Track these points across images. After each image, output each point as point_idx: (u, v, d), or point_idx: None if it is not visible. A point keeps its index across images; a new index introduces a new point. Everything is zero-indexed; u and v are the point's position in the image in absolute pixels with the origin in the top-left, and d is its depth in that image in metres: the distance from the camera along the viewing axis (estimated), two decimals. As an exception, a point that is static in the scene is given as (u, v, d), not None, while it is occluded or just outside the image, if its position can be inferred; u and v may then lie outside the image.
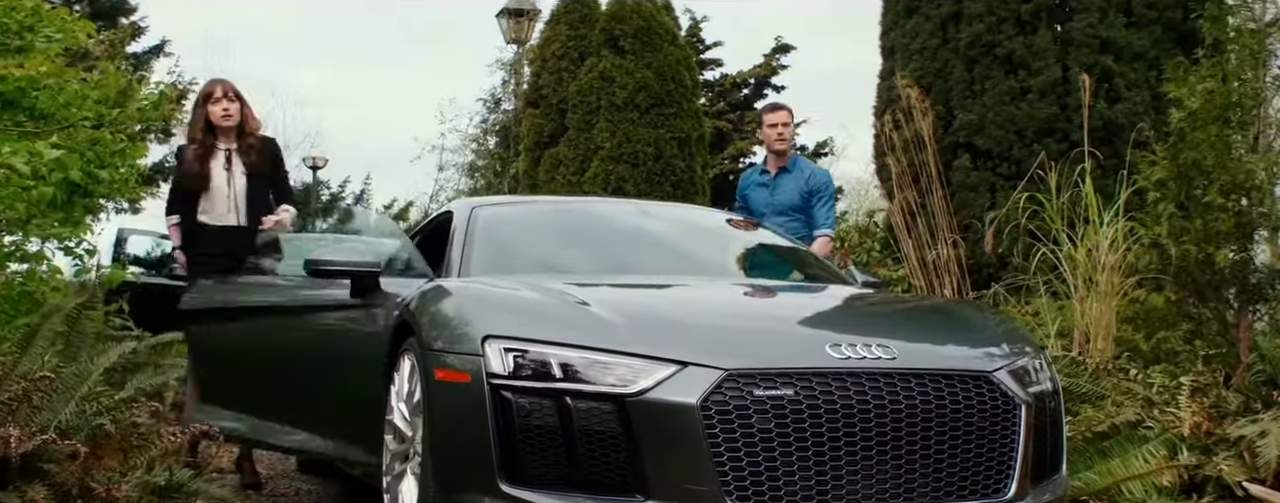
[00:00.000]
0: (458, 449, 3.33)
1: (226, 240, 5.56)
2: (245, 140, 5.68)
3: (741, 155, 17.58)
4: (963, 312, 4.04)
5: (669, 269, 4.53)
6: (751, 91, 18.55)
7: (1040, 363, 3.75)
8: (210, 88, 5.67)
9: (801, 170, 6.50)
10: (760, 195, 6.49)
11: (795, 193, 6.37)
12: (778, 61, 18.38)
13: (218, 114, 5.61)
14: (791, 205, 6.39)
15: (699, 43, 18.45)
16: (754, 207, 6.47)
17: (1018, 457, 3.38)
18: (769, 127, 6.53)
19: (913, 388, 3.25)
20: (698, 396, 3.10)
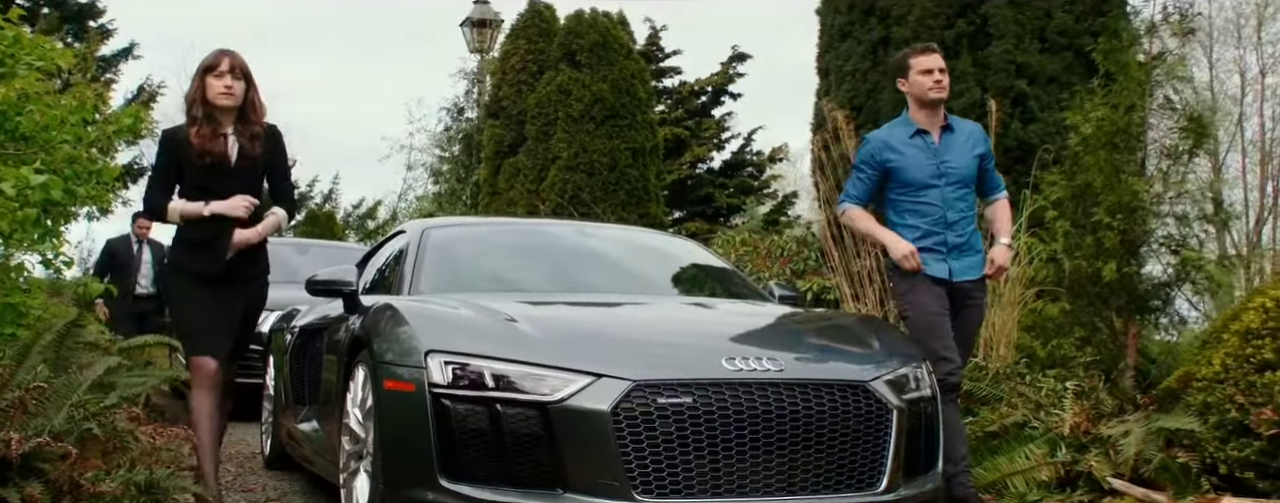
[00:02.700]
0: (403, 450, 3.82)
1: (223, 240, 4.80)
2: (248, 126, 4.81)
3: (698, 161, 18.11)
4: (851, 327, 4.54)
5: (603, 287, 5.04)
6: (709, 99, 19.08)
7: (920, 372, 4.27)
8: (214, 59, 4.78)
9: (963, 127, 5.05)
10: (920, 162, 4.86)
11: (968, 155, 4.94)
12: (734, 69, 18.92)
13: (218, 89, 4.72)
14: (966, 169, 4.93)
15: (658, 51, 18.97)
16: (910, 176, 4.86)
17: (889, 456, 3.90)
18: (921, 73, 4.89)
19: (796, 396, 3.77)
20: (609, 403, 3.61)
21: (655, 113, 15.06)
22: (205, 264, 4.79)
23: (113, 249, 10.71)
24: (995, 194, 5.12)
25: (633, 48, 13.28)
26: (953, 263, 4.83)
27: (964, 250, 4.87)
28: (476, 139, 14.15)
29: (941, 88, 4.92)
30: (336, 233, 25.38)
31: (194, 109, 4.78)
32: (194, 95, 4.79)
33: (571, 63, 12.84)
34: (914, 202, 4.89)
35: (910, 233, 4.86)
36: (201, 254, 4.80)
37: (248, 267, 4.91)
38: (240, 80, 4.79)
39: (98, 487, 3.83)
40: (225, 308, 4.83)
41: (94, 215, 9.25)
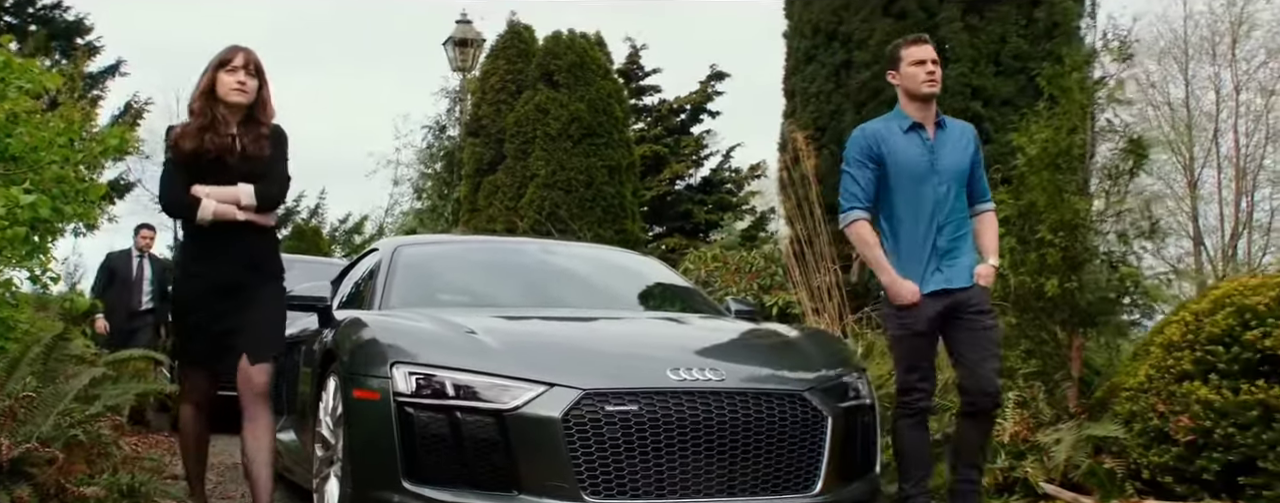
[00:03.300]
0: (370, 454, 4.09)
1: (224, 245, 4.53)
2: (254, 127, 4.54)
3: (677, 178, 18.42)
4: (794, 340, 4.82)
5: (565, 302, 5.32)
6: (688, 117, 19.40)
7: (859, 382, 4.56)
8: (229, 53, 4.55)
9: (956, 126, 4.79)
10: (913, 156, 4.58)
11: (962, 153, 4.68)
12: (713, 88, 19.26)
13: (230, 84, 4.48)
14: (960, 169, 4.65)
15: (638, 69, 19.30)
16: (903, 169, 4.58)
17: (824, 460, 4.17)
18: (913, 64, 4.62)
19: (736, 404, 4.05)
20: (560, 410, 3.88)
21: (632, 131, 15.40)
22: (214, 271, 4.52)
23: (112, 264, 10.29)
24: (983, 204, 4.80)
25: (609, 68, 13.60)
26: (945, 270, 4.55)
27: (954, 255, 4.58)
28: (458, 157, 14.43)
29: (934, 81, 4.63)
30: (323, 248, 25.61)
31: (197, 103, 4.50)
32: (202, 89, 4.51)
33: (549, 83, 13.14)
34: (904, 200, 4.57)
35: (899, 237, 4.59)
36: (210, 261, 4.53)
37: (260, 272, 4.60)
38: (254, 77, 4.55)
39: (83, 490, 4.10)
40: (232, 317, 4.49)
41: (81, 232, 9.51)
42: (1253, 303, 4.68)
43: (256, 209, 4.53)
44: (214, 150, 4.44)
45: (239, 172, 4.49)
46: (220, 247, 4.53)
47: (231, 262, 4.53)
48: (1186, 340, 4.86)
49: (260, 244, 4.64)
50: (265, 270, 4.64)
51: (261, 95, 4.59)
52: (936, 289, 4.53)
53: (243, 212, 4.49)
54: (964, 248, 4.66)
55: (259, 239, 4.62)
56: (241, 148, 4.49)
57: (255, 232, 4.58)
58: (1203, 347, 4.75)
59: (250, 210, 4.51)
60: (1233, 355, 4.62)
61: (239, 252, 4.54)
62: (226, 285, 4.51)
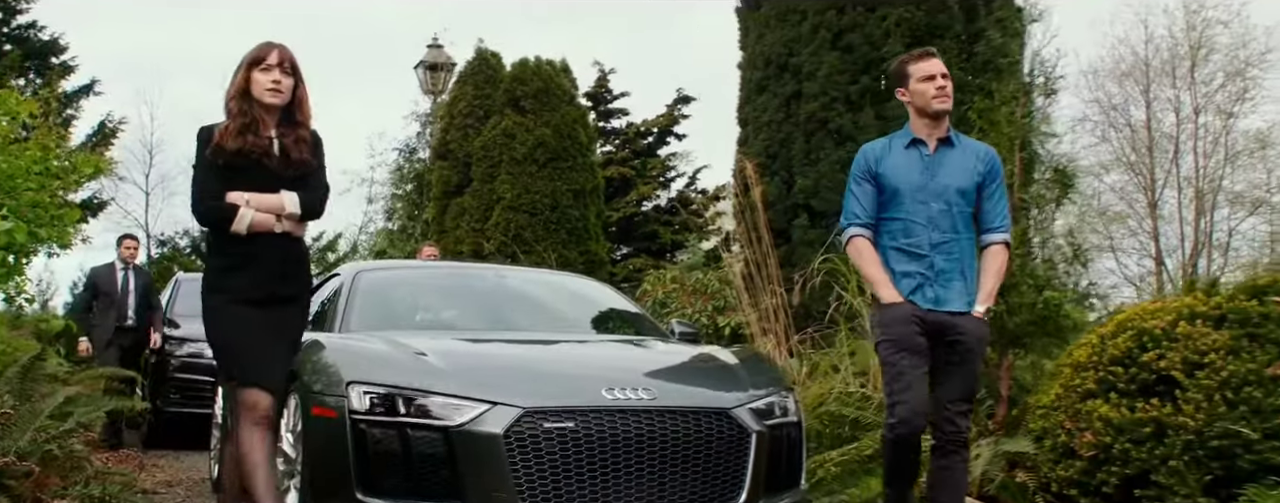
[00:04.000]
0: (327, 468, 4.40)
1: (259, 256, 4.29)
2: (294, 129, 4.30)
3: (644, 199, 18.78)
4: (727, 361, 5.15)
5: (516, 325, 5.65)
6: (655, 139, 19.79)
7: (786, 401, 4.89)
8: (262, 51, 4.28)
9: (967, 146, 4.58)
10: (911, 175, 4.44)
11: (967, 174, 4.46)
12: (679, 111, 19.66)
13: (265, 85, 4.23)
14: (960, 189, 4.43)
15: (606, 93, 19.68)
16: (897, 186, 4.45)
17: (748, 474, 4.51)
18: (922, 79, 4.45)
19: (666, 420, 4.38)
20: (502, 427, 4.21)
21: (600, 153, 15.75)
22: (247, 285, 4.27)
23: (96, 277, 9.85)
24: (992, 234, 4.50)
25: (575, 94, 13.98)
26: (937, 290, 4.38)
27: (949, 277, 4.39)
28: (427, 179, 14.77)
29: (945, 96, 4.42)
30: (295, 266, 25.76)
31: (234, 103, 4.24)
32: (236, 90, 4.24)
33: (516, 108, 13.51)
34: (896, 218, 4.44)
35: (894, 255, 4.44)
36: (243, 274, 4.26)
37: (292, 284, 4.40)
38: (289, 76, 4.28)
39: (57, 501, 4.40)
40: (275, 332, 4.33)
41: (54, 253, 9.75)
42: (1150, 326, 5.03)
43: (298, 219, 4.31)
44: (256, 152, 4.19)
45: (280, 177, 4.24)
46: (254, 258, 4.26)
47: (266, 274, 4.28)
48: (1092, 361, 5.21)
49: (295, 255, 4.40)
50: (298, 283, 4.44)
51: (298, 95, 4.32)
52: (927, 308, 4.35)
53: (281, 222, 4.26)
54: (965, 274, 4.43)
55: (294, 249, 4.39)
56: (281, 151, 4.24)
57: (290, 241, 4.34)
58: (1105, 367, 5.10)
59: (291, 220, 4.28)
60: (1131, 376, 4.97)
61: (274, 264, 4.30)
62: (259, 299, 4.28)
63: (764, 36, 9.88)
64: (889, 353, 4.36)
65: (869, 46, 9.25)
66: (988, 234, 4.53)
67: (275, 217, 4.25)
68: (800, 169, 9.37)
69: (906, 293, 4.37)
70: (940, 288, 4.39)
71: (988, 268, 4.48)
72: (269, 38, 4.40)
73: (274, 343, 4.32)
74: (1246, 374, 4.62)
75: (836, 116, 9.22)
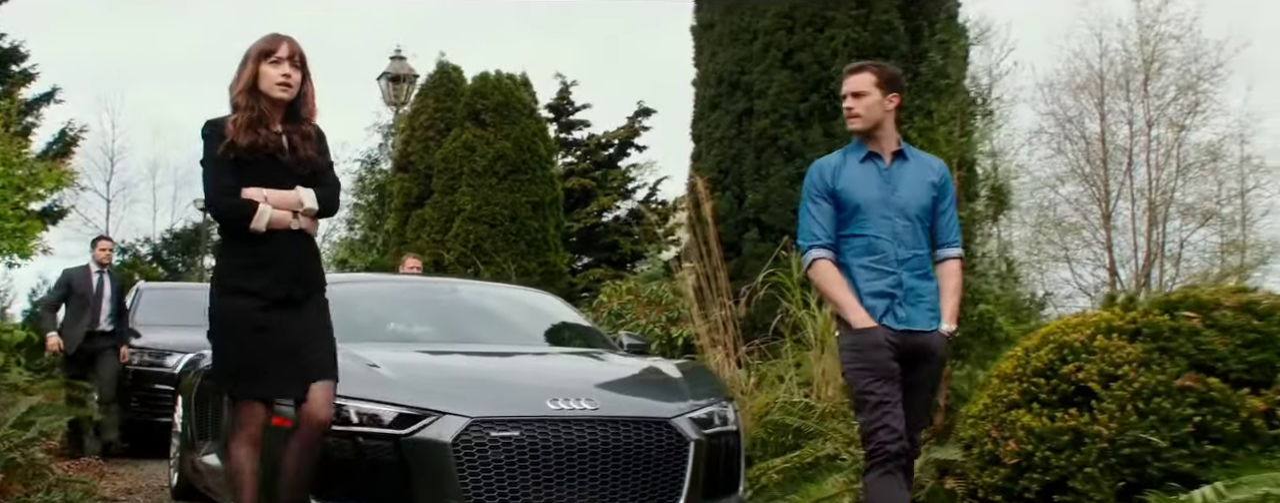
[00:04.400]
0: (282, 475, 4.58)
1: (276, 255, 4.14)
2: (299, 125, 4.19)
3: (604, 210, 19.01)
4: (669, 372, 5.38)
5: (468, 337, 5.86)
6: (615, 151, 20.04)
7: (726, 411, 5.13)
8: (271, 43, 4.14)
9: (921, 158, 4.49)
10: (870, 189, 4.31)
11: (924, 187, 4.37)
12: (640, 123, 19.93)
13: (275, 78, 4.10)
14: (921, 202, 4.35)
15: (568, 105, 19.93)
16: (859, 201, 4.30)
17: (686, 481, 4.74)
18: (842, 97, 4.40)
19: (607, 429, 4.60)
20: (451, 436, 4.42)
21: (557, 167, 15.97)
22: (265, 285, 4.10)
23: (70, 280, 9.51)
24: (947, 249, 4.44)
25: (535, 108, 14.21)
26: (907, 309, 4.27)
27: (914, 297, 4.30)
28: (388, 190, 14.96)
29: (852, 116, 4.31)
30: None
31: (241, 98, 4.10)
32: (244, 84, 4.11)
33: (476, 121, 13.72)
34: (860, 235, 4.30)
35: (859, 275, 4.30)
36: (260, 274, 4.11)
37: (307, 283, 4.24)
38: (298, 70, 4.16)
39: (20, 507, 4.58)
40: (289, 339, 4.14)
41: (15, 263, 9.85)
42: (1071, 339, 5.29)
43: (315, 216, 4.20)
44: (269, 147, 4.08)
45: (293, 173, 4.14)
46: (272, 258, 4.12)
47: (283, 274, 4.14)
48: (1016, 373, 5.46)
49: (311, 252, 4.29)
50: (313, 282, 4.28)
51: (304, 90, 4.20)
52: (896, 328, 4.23)
53: (298, 219, 4.14)
54: (928, 290, 4.35)
55: (309, 246, 4.27)
56: (291, 147, 4.14)
57: (305, 239, 4.22)
58: (1029, 378, 5.35)
59: (308, 217, 4.17)
60: (1052, 387, 5.22)
61: (293, 261, 4.17)
62: (279, 299, 4.12)
63: (717, 55, 10.14)
64: (864, 382, 4.19)
65: (818, 66, 9.52)
66: (943, 249, 4.44)
67: (292, 214, 4.13)
68: (751, 184, 9.62)
69: (877, 316, 4.22)
70: (909, 307, 4.28)
71: (947, 286, 4.39)
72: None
73: (284, 353, 4.12)
74: (1157, 386, 4.88)
75: (786, 134, 9.47)
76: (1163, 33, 24.62)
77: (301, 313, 4.19)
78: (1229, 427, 4.72)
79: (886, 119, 4.35)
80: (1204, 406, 4.78)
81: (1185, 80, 25.07)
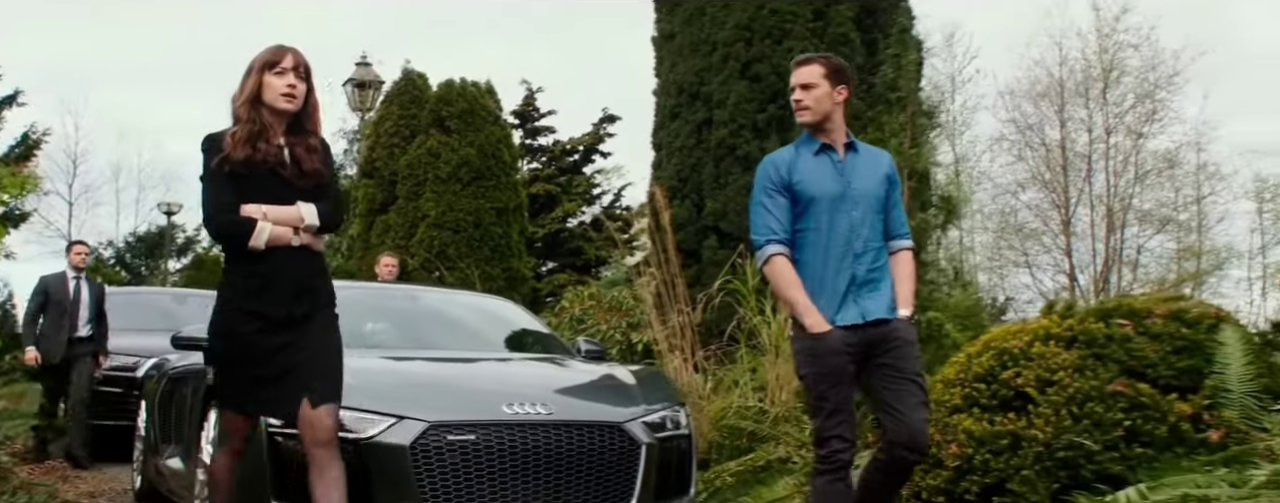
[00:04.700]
0: (245, 478, 4.69)
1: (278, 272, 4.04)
2: (304, 137, 4.09)
3: (569, 216, 19.17)
4: (623, 378, 5.53)
5: (427, 342, 5.99)
6: (580, 157, 20.21)
7: (678, 415, 5.29)
8: (276, 55, 4.05)
9: (869, 151, 4.48)
10: (826, 182, 4.26)
11: (877, 179, 4.36)
12: (605, 130, 20.10)
13: (279, 89, 4.00)
14: (877, 196, 4.34)
15: (534, 111, 20.08)
16: (815, 194, 4.25)
17: (638, 483, 4.90)
18: (791, 89, 4.33)
19: (560, 434, 4.75)
20: (409, 439, 4.55)
21: (526, 170, 16.11)
22: (267, 303, 4.02)
23: (47, 287, 9.35)
24: (899, 241, 4.42)
25: (499, 115, 14.35)
26: (863, 303, 4.21)
27: (874, 286, 4.26)
28: (353, 196, 15.07)
29: (800, 109, 4.27)
30: (223, 278, 25.80)
31: (243, 110, 4.00)
32: (247, 95, 4.00)
33: (441, 128, 13.84)
34: (817, 227, 4.24)
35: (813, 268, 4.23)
36: (262, 293, 4.02)
37: (309, 301, 4.11)
38: (303, 81, 4.06)
39: (-15, 511, 4.68)
40: (283, 359, 4.04)
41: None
42: (1010, 346, 5.48)
43: (317, 231, 4.09)
44: (269, 161, 3.98)
45: (295, 188, 4.03)
46: (274, 274, 4.02)
47: (286, 291, 4.03)
48: (958, 378, 5.65)
49: (314, 268, 4.15)
50: (319, 297, 4.16)
51: (310, 101, 4.11)
52: (852, 323, 4.17)
53: (299, 236, 4.04)
54: (885, 281, 4.31)
55: (312, 262, 4.14)
56: (294, 161, 4.03)
57: (308, 256, 4.10)
58: (970, 384, 5.54)
59: (309, 232, 4.06)
60: (992, 392, 5.41)
61: (294, 279, 4.05)
62: (279, 319, 4.02)
63: (677, 66, 10.33)
64: (819, 387, 4.15)
65: (776, 76, 9.73)
66: (895, 241, 4.42)
67: (293, 230, 4.01)
68: (710, 193, 9.81)
69: (831, 314, 4.15)
70: (866, 300, 4.22)
71: (901, 274, 4.38)
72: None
73: (276, 373, 4.02)
74: (1090, 391, 5.07)
75: (744, 143, 9.68)
76: (1121, 42, 24.91)
77: (304, 331, 4.06)
78: (1158, 431, 4.92)
79: (835, 111, 4.29)
80: (1134, 410, 4.98)
81: (1143, 88, 25.35)
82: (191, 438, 5.59)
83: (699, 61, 10.09)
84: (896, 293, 4.32)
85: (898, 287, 4.34)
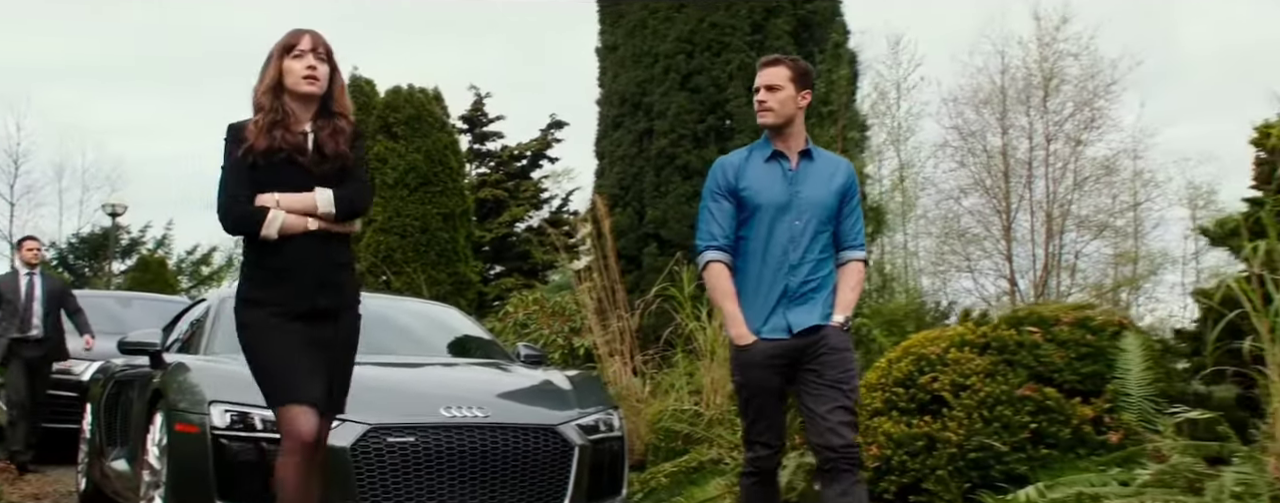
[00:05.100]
0: (189, 479, 4.88)
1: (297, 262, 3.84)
2: (331, 121, 3.90)
3: (516, 221, 19.34)
4: (558, 382, 5.74)
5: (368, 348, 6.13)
6: (528, 162, 20.40)
7: (611, 418, 5.51)
8: (293, 38, 3.89)
9: (827, 158, 4.38)
10: (773, 190, 4.20)
11: (828, 189, 4.24)
12: (552, 136, 20.31)
13: (300, 72, 3.84)
14: (825, 205, 4.21)
15: (482, 116, 20.24)
16: (759, 202, 4.19)
17: (571, 483, 5.11)
18: (755, 91, 4.29)
19: (496, 436, 4.96)
20: (350, 441, 4.74)
21: (470, 178, 16.23)
22: (289, 298, 3.83)
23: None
24: (851, 251, 4.30)
25: (446, 121, 14.51)
26: (789, 316, 4.13)
27: (806, 300, 4.16)
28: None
29: (764, 110, 4.20)
30: (168, 280, 25.73)
31: (264, 98, 3.84)
32: (267, 83, 3.85)
33: (388, 134, 13.99)
34: (756, 235, 4.18)
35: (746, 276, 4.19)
36: (281, 285, 3.84)
37: (333, 294, 3.92)
38: (324, 62, 3.88)
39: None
40: (320, 349, 3.91)
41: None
42: (928, 352, 5.77)
43: (334, 219, 3.87)
44: (287, 149, 3.80)
45: (316, 174, 3.83)
46: (291, 266, 3.83)
47: (306, 282, 3.85)
48: (879, 383, 5.92)
49: (336, 261, 3.94)
50: (345, 292, 3.99)
51: (334, 83, 3.93)
52: (774, 337, 4.12)
53: (315, 221, 3.84)
54: (820, 295, 4.19)
55: (335, 255, 3.93)
56: (317, 146, 3.85)
57: (332, 244, 3.91)
58: (890, 388, 5.82)
59: (326, 220, 3.84)
60: (910, 395, 5.69)
61: (314, 269, 3.86)
62: (303, 312, 3.85)
63: (619, 76, 10.57)
64: (744, 395, 4.21)
65: (715, 88, 10.00)
66: (847, 251, 4.30)
67: (309, 217, 3.81)
68: (651, 201, 10.05)
69: (758, 324, 4.12)
70: (800, 309, 4.14)
71: (846, 281, 4.26)
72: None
73: (317, 359, 3.87)
74: (1000, 395, 5.36)
75: (684, 153, 9.94)
76: (1062, 51, 25.41)
77: (337, 327, 3.94)
78: (1062, 433, 5.22)
79: (798, 116, 4.25)
80: (1041, 413, 5.28)
81: (1082, 96, 25.82)
82: (137, 440, 5.73)
83: (641, 73, 10.34)
84: (836, 299, 4.21)
85: (840, 292, 4.23)
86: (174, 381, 5.26)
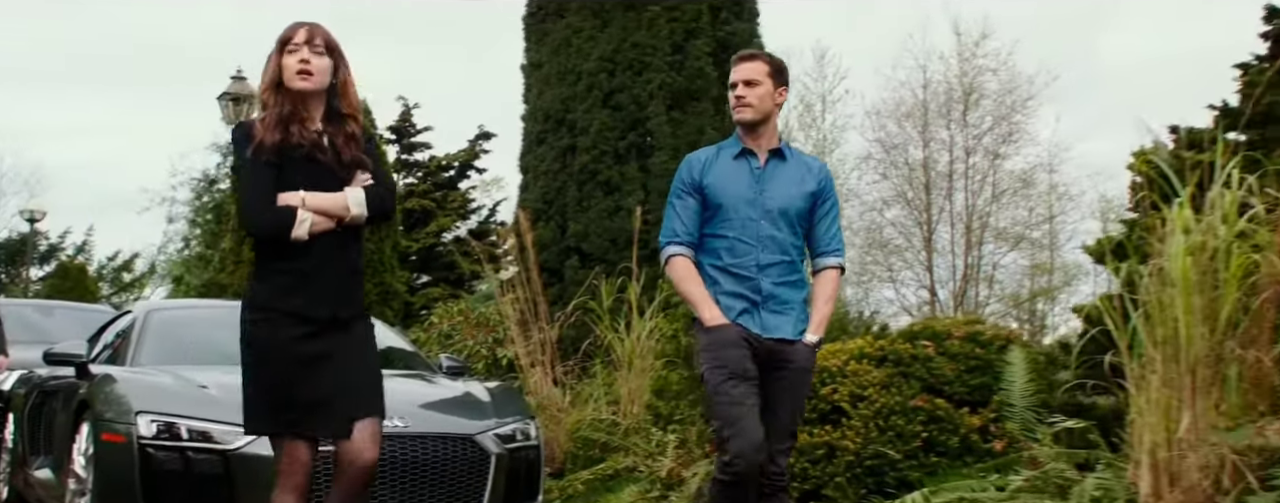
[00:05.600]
0: (116, 488, 5.04)
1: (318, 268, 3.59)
2: (342, 125, 3.65)
3: (443, 231, 19.45)
4: (477, 393, 5.96)
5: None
6: (456, 173, 20.54)
7: (528, 427, 5.75)
8: (289, 31, 3.61)
9: (801, 160, 4.26)
10: (739, 188, 4.09)
11: (798, 192, 4.13)
12: (480, 146, 20.48)
13: (292, 68, 3.56)
14: (795, 210, 4.11)
15: (410, 126, 20.36)
16: (725, 200, 4.08)
17: (487, 490, 5.35)
18: (731, 86, 4.17)
19: (415, 445, 5.18)
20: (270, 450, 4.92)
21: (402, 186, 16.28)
22: (308, 304, 3.56)
23: None
24: (826, 258, 4.19)
25: (373, 132, 14.58)
26: (766, 317, 4.03)
27: (778, 304, 4.05)
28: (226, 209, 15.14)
29: (742, 106, 4.07)
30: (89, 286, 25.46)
31: (267, 97, 3.60)
32: (269, 80, 3.60)
33: (316, 144, 14.04)
34: (722, 236, 4.07)
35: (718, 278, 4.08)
36: (301, 291, 3.57)
37: (352, 303, 3.70)
38: (322, 55, 3.58)
39: None
40: (337, 367, 3.62)
41: None
42: (830, 364, 6.07)
43: (366, 221, 3.66)
44: (304, 144, 3.55)
45: (336, 176, 3.59)
46: (316, 271, 3.58)
47: (328, 289, 3.60)
48: (809, 390, 6.22)
49: (357, 268, 3.75)
50: (357, 303, 3.75)
51: (339, 78, 3.64)
52: (752, 332, 4.00)
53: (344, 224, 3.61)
54: (795, 298, 4.10)
55: (357, 262, 3.73)
56: (333, 149, 3.60)
57: (355, 246, 3.71)
58: (794, 399, 6.12)
59: (357, 222, 3.64)
60: (813, 406, 5.99)
61: (337, 275, 3.63)
62: (323, 321, 3.59)
63: (544, 93, 10.83)
64: (718, 380, 3.91)
65: (635, 106, 10.29)
66: (821, 258, 4.20)
67: (337, 220, 3.58)
68: (573, 215, 10.31)
69: (732, 315, 3.99)
70: (773, 314, 4.04)
71: (820, 294, 4.15)
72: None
73: (334, 385, 3.61)
74: (895, 405, 5.69)
75: (606, 169, 10.21)
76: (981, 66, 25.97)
77: (350, 337, 3.67)
78: (951, 441, 5.56)
79: (774, 112, 4.17)
80: (932, 423, 5.62)
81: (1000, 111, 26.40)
82: (62, 450, 5.86)
83: (564, 90, 10.59)
84: (811, 315, 4.11)
85: (815, 306, 4.13)
86: (101, 391, 5.41)
